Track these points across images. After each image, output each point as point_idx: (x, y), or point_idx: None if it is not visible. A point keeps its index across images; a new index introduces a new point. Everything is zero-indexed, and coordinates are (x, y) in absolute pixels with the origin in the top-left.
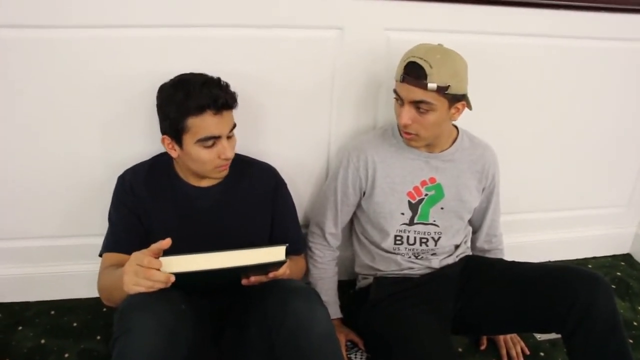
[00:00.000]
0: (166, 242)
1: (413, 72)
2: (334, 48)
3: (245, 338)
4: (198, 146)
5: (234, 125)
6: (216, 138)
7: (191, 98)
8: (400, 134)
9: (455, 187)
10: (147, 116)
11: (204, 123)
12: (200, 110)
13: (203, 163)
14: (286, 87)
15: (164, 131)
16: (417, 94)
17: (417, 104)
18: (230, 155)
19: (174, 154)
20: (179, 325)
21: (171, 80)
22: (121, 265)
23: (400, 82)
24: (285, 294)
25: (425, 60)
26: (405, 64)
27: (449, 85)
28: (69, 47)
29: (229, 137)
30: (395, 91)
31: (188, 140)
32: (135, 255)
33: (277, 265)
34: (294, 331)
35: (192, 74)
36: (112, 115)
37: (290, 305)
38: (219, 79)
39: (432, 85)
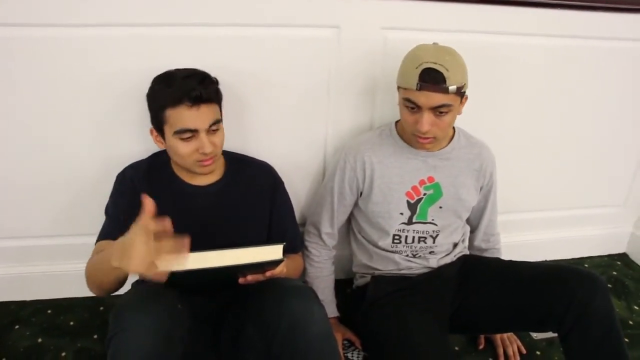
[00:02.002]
0: (149, 203)
1: (431, 79)
2: (331, 47)
3: (243, 337)
4: (176, 138)
5: (217, 120)
6: (193, 131)
7: (169, 90)
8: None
9: (454, 186)
10: (142, 115)
11: (180, 115)
12: (175, 102)
13: (182, 156)
14: (283, 86)
15: (151, 123)
16: (438, 99)
17: (436, 109)
18: (209, 150)
19: (160, 145)
20: (174, 325)
21: (164, 72)
22: None
23: (418, 90)
24: (282, 293)
25: (440, 65)
26: (419, 71)
27: (464, 84)
28: (66, 45)
29: (212, 132)
30: (407, 99)
31: (167, 131)
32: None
33: (275, 264)
34: (292, 330)
35: (181, 69)
36: (108, 114)
37: (287, 305)
38: (204, 74)
39: (452, 88)
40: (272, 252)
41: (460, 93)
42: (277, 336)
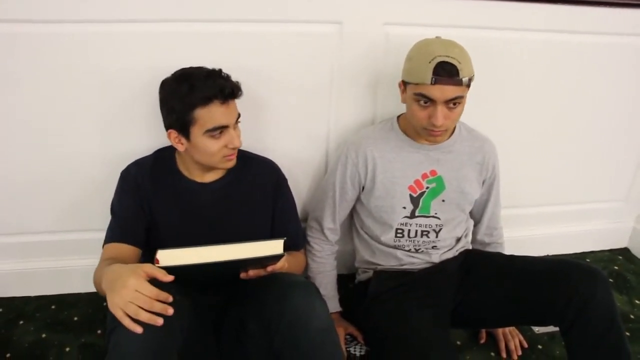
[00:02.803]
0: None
1: (445, 72)
2: (333, 42)
3: (245, 331)
4: (206, 137)
5: (239, 115)
6: (224, 128)
7: (197, 89)
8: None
9: (456, 179)
10: (147, 112)
11: (211, 113)
12: (207, 100)
13: (212, 154)
14: (285, 82)
15: (169, 125)
16: (452, 91)
17: (450, 101)
18: (238, 143)
19: (180, 147)
20: (173, 315)
21: (173, 74)
22: (120, 257)
23: (432, 84)
24: (284, 288)
25: (452, 57)
26: (433, 65)
27: (473, 75)
28: (70, 42)
29: (235, 126)
30: (420, 94)
31: (196, 132)
32: (136, 271)
33: (275, 258)
34: (293, 325)
35: (193, 68)
36: (112, 111)
37: (289, 299)
38: (220, 70)
39: (465, 79)
40: (273, 247)
41: (469, 84)
42: (279, 330)
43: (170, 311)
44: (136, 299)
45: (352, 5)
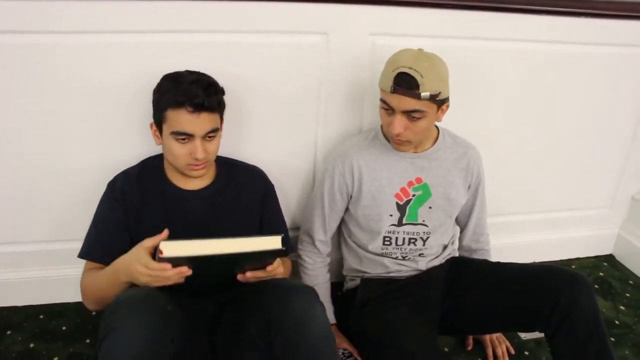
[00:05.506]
0: (164, 234)
1: (404, 83)
2: (320, 53)
3: (242, 336)
4: (172, 138)
5: (215, 129)
6: (189, 135)
7: (174, 91)
8: (387, 140)
9: (442, 185)
10: (138, 121)
11: (179, 118)
12: (177, 104)
13: (176, 157)
14: (273, 92)
15: (152, 117)
16: (410, 103)
17: (409, 113)
18: (201, 156)
19: (157, 141)
20: (166, 324)
21: (174, 72)
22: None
23: (391, 92)
24: (283, 292)
25: (415, 70)
26: (395, 74)
27: (439, 92)
28: (60, 53)
29: (208, 139)
30: (383, 101)
31: (165, 130)
32: (140, 259)
33: (275, 254)
34: (293, 329)
35: (191, 72)
36: (103, 121)
37: (289, 303)
38: (211, 82)
39: (425, 94)
40: (271, 242)
41: (436, 101)
42: (279, 335)
43: (187, 272)
44: (153, 281)
45: (338, 16)
